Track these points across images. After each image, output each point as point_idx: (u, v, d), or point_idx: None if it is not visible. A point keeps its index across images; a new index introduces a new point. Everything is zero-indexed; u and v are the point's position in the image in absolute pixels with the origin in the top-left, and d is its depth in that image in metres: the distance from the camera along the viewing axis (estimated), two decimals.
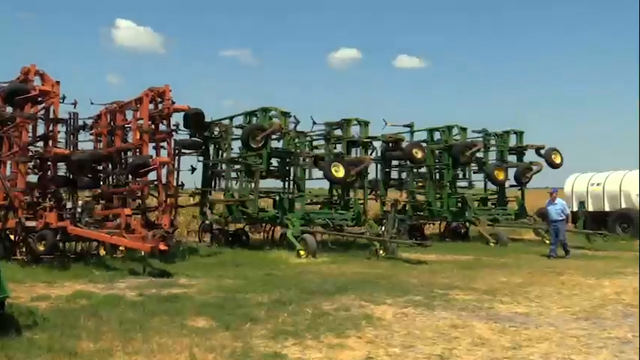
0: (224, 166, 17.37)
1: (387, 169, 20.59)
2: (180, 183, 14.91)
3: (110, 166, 14.83)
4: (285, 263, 12.88)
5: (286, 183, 17.46)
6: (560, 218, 14.51)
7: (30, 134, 12.73)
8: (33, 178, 13.13)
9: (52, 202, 12.26)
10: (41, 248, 11.58)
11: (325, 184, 18.90)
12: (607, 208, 21.17)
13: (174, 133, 14.35)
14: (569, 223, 15.60)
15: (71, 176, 13.79)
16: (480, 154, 20.35)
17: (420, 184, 20.94)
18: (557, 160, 20.71)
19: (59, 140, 13.69)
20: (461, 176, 21.19)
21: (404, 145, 19.52)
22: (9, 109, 12.75)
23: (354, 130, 17.88)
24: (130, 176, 14.08)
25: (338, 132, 17.85)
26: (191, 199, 18.34)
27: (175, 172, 14.55)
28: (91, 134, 15.41)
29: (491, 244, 17.66)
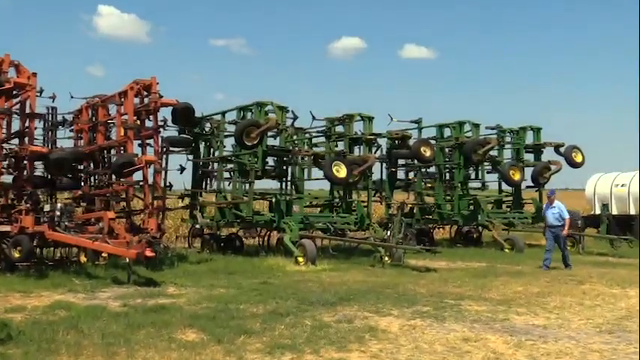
0: (216, 165, 17.36)
1: (393, 169, 20.60)
2: (168, 184, 14.90)
3: (92, 165, 14.83)
4: (282, 271, 12.87)
5: (283, 184, 17.44)
6: (559, 224, 13.90)
7: (4, 130, 12.71)
8: (7, 179, 13.11)
9: (28, 205, 12.24)
10: (16, 255, 11.55)
11: (326, 185, 18.91)
12: (632, 211, 21.17)
13: (161, 129, 14.33)
14: (587, 228, 15.32)
15: (49, 176, 13.78)
16: (494, 153, 20.36)
17: (428, 184, 20.94)
18: (578, 159, 20.72)
19: (36, 137, 13.70)
20: (473, 176, 21.18)
21: (411, 142, 19.52)
22: None
23: (357, 127, 17.91)
24: (113, 176, 14.08)
25: (339, 128, 17.85)
26: (180, 201, 18.34)
27: (163, 172, 14.54)
28: (70, 131, 15.42)
29: (506, 251, 17.67)
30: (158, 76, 13.83)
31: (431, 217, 20.23)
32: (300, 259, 13.91)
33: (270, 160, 17.12)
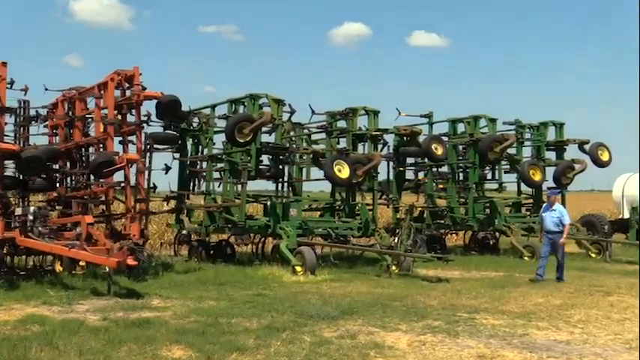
0: (204, 164, 17.37)
1: (401, 168, 20.60)
2: (152, 185, 14.90)
3: (68, 164, 14.83)
4: (278, 281, 12.89)
5: (279, 185, 17.43)
6: (557, 230, 13.30)
7: None
8: None
9: None
10: None
11: (327, 187, 18.92)
12: None
13: (145, 125, 14.35)
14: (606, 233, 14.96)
15: (21, 177, 13.78)
16: (512, 150, 20.36)
17: (440, 186, 20.94)
18: (605, 158, 20.72)
19: (6, 134, 13.68)
20: (489, 177, 21.17)
21: (421, 139, 19.52)
22: None
23: (361, 122, 17.91)
24: (91, 177, 14.08)
25: (342, 123, 17.86)
26: (165, 204, 18.33)
27: (146, 172, 14.55)
28: (45, 126, 15.42)
29: (526, 258, 17.67)
30: (141, 67, 13.88)
31: (443, 221, 20.22)
32: (298, 269, 13.92)
33: (265, 159, 17.11)
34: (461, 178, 20.72)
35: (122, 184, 13.73)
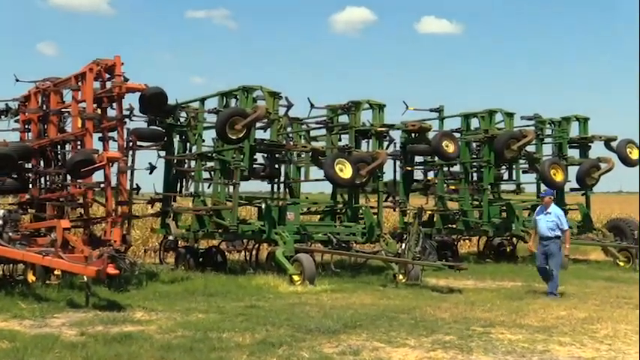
0: (193, 163, 17.36)
1: (409, 168, 20.60)
2: (135, 186, 14.89)
3: (42, 163, 14.82)
4: (273, 292, 12.89)
5: (275, 186, 17.41)
6: (552, 235, 12.73)
7: None
8: None
9: None
10: None
11: (327, 188, 18.90)
12: None
13: (127, 120, 14.34)
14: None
15: None
16: (531, 148, 20.36)
17: (451, 187, 20.94)
18: (635, 156, 20.72)
19: None
20: (506, 177, 21.17)
21: (431, 135, 19.52)
22: None
23: (365, 116, 17.90)
24: (68, 177, 14.07)
25: (344, 119, 17.85)
26: (149, 207, 18.31)
27: (129, 172, 14.54)
28: (16, 121, 15.41)
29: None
30: (123, 56, 13.85)
31: (455, 226, 20.22)
32: (296, 278, 13.90)
33: (260, 158, 17.11)
34: (474, 178, 20.71)
35: (102, 185, 13.71)
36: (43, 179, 15.06)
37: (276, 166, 17.12)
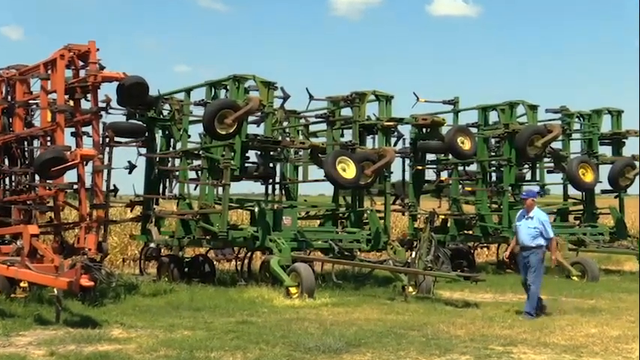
0: (178, 162, 17.35)
1: (420, 167, 20.59)
2: (112, 187, 14.87)
3: (6, 161, 14.80)
4: (267, 306, 12.87)
5: (270, 187, 17.40)
6: (534, 244, 12.06)
7: None
8: None
9: None
10: None
11: (328, 189, 18.88)
12: None
13: (103, 112, 14.32)
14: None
15: None
16: (557, 145, 20.36)
17: (467, 188, 20.92)
18: None
19: None
20: (528, 177, 21.14)
21: (444, 130, 19.52)
22: None
23: (371, 109, 17.90)
24: (36, 177, 14.05)
25: (346, 112, 17.85)
26: (129, 210, 18.30)
27: (105, 172, 14.52)
28: None
29: (575, 278, 17.66)
30: (99, 41, 13.83)
31: (471, 232, 20.21)
32: (293, 291, 13.89)
33: (252, 155, 17.11)
34: (493, 178, 20.71)
35: (75, 187, 13.69)
36: (7, 179, 15.03)
37: (271, 164, 17.11)
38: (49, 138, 13.83)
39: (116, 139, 15.72)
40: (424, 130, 19.85)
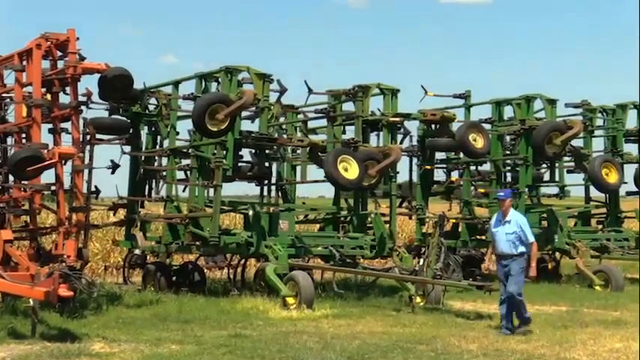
0: (165, 161, 17.35)
1: (428, 167, 20.60)
2: (93, 188, 14.86)
3: None
4: (262, 318, 12.89)
5: (265, 188, 17.38)
6: (514, 252, 11.64)
7: None
8: None
9: None
10: None
11: (328, 191, 18.87)
12: None
13: (83, 107, 14.30)
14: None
15: None
16: (577, 142, 20.35)
17: (480, 190, 20.92)
18: None
19: None
20: (547, 178, 21.14)
21: (455, 127, 19.53)
22: None
23: (375, 104, 17.89)
24: (10, 177, 14.04)
25: (349, 106, 17.85)
26: (112, 214, 18.29)
27: (86, 172, 14.51)
28: None
29: (597, 288, 17.66)
30: (79, 30, 13.81)
31: (484, 237, 20.19)
32: (290, 301, 13.91)
33: (246, 154, 17.11)
34: (508, 179, 20.69)
35: (52, 188, 13.68)
36: None
37: (267, 164, 17.11)
38: (24, 135, 13.83)
39: (98, 136, 15.67)
40: (433, 126, 19.90)
